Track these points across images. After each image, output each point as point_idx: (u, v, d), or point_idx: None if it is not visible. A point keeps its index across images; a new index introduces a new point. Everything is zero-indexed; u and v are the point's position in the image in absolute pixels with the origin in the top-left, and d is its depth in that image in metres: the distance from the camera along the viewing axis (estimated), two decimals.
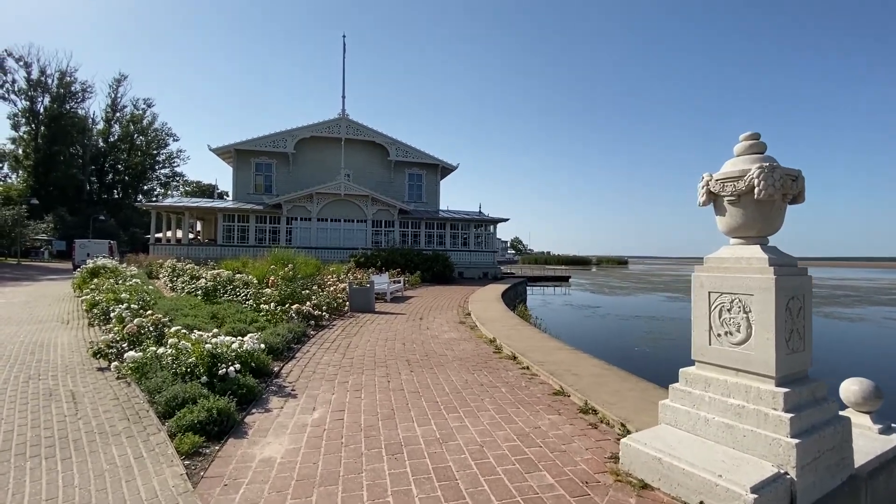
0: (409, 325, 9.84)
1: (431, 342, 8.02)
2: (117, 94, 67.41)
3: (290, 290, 10.61)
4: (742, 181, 3.10)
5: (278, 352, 6.75)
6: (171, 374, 4.84)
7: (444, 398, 4.85)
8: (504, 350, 7.27)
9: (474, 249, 32.07)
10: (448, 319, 10.89)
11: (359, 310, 12.08)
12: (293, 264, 13.73)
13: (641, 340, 14.89)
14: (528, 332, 8.72)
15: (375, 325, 9.76)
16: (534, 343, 7.57)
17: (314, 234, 28.21)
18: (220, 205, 29.13)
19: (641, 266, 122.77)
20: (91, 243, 29.34)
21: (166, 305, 9.34)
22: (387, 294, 15.00)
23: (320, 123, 30.98)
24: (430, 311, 12.36)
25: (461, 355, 6.97)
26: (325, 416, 4.32)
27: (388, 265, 23.64)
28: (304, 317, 9.45)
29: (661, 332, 16.56)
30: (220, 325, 8.36)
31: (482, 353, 7.19)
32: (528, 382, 5.49)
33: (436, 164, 33.44)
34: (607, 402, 4.46)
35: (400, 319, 10.73)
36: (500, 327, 9.20)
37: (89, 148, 64.01)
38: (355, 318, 10.73)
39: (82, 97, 62.95)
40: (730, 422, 3.00)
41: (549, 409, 4.52)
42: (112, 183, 70.36)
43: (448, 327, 9.71)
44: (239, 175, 30.24)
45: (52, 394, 4.88)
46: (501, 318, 10.78)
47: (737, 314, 3.11)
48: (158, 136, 72.98)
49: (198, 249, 26.81)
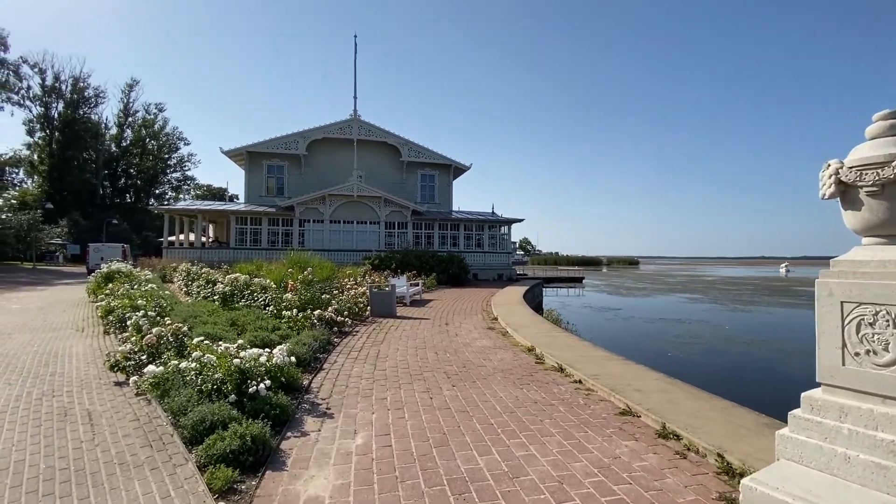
0: (436, 332, 9.34)
1: (465, 351, 7.51)
2: (129, 99, 67.97)
3: (310, 294, 10.17)
4: (890, 168, 2.55)
5: (305, 363, 6.29)
6: (196, 392, 4.38)
7: (498, 419, 4.33)
8: (547, 360, 6.73)
9: (488, 251, 31.52)
10: (475, 325, 10.37)
11: (380, 315, 11.62)
12: (311, 267, 13.31)
13: (672, 345, 14.25)
14: (566, 340, 8.18)
15: (401, 332, 9.27)
16: (577, 352, 7.03)
17: (327, 237, 27.86)
18: (232, 207, 28.92)
19: (653, 266, 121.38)
20: (105, 247, 29.30)
21: (184, 312, 8.94)
22: (406, 297, 14.54)
23: (332, 125, 30.67)
24: (454, 316, 11.86)
25: (502, 366, 6.45)
26: (369, 441, 3.83)
27: (403, 267, 23.20)
28: (327, 323, 9.01)
29: (691, 336, 15.90)
30: (241, 333, 7.94)
31: (523, 363, 6.66)
32: (587, 399, 4.96)
33: (448, 164, 32.97)
34: (689, 425, 3.92)
35: (425, 325, 10.23)
36: (535, 334, 8.66)
37: (102, 153, 64.53)
38: (378, 324, 10.26)
39: (95, 102, 63.51)
40: (883, 461, 2.46)
41: (621, 433, 3.99)
42: (125, 187, 70.87)
43: (478, 334, 9.19)
44: (251, 177, 30.01)
45: (67, 413, 4.45)
46: (532, 322, 10.25)
47: (883, 329, 2.57)
48: (170, 141, 73.46)
49: (211, 252, 26.59)
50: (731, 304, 27.01)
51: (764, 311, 24.30)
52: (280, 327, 8.03)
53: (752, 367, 11.74)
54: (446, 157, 32.78)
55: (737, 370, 11.40)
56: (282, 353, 5.03)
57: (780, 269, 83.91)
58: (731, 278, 59.29)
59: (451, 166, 33.19)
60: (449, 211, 32.87)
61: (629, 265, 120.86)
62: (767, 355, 13.07)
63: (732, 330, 17.54)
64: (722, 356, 12.91)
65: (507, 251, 31.95)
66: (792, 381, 9.86)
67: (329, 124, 30.58)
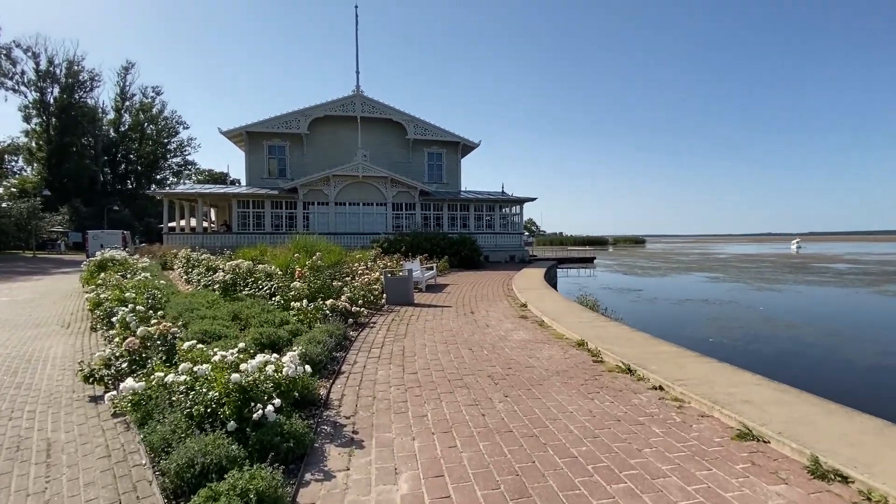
0: (462, 322, 8.32)
1: (503, 346, 6.48)
2: (126, 83, 66.39)
3: (320, 282, 9.14)
4: None
5: (321, 365, 5.28)
6: (184, 417, 3.37)
7: (580, 448, 3.30)
8: (606, 358, 5.68)
9: (500, 231, 30.36)
10: (504, 313, 9.33)
11: (396, 302, 10.60)
12: (320, 252, 12.27)
13: (709, 329, 13.21)
14: (618, 331, 7.12)
15: (423, 323, 8.25)
16: (639, 347, 5.98)
17: (332, 219, 26.76)
18: (233, 191, 27.78)
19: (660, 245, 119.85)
20: (104, 234, 28.38)
21: (180, 304, 7.95)
22: (422, 282, 13.51)
23: (334, 102, 29.20)
24: (478, 302, 10.83)
25: (554, 367, 5.41)
26: (418, 487, 2.80)
27: (414, 250, 22.15)
28: (341, 314, 7.99)
29: (727, 319, 14.84)
30: (245, 329, 6.93)
31: (579, 362, 5.62)
32: (682, 415, 3.91)
33: (456, 141, 31.54)
34: (853, 459, 2.87)
35: (448, 314, 9.20)
36: (577, 323, 7.61)
37: (101, 138, 63.35)
38: (396, 314, 9.24)
39: (91, 86, 61.99)
40: None
41: (758, 471, 2.94)
42: (125, 173, 69.83)
43: (511, 324, 8.15)
44: (251, 159, 28.76)
45: (21, 446, 3.46)
46: (568, 310, 9.19)
47: None
48: (169, 125, 72.14)
49: (213, 238, 25.60)
50: (755, 283, 25.89)
51: (792, 290, 23.18)
52: (289, 320, 7.02)
53: (812, 355, 10.68)
54: (454, 135, 31.33)
55: (797, 358, 10.34)
56: (293, 362, 3.99)
57: (792, 246, 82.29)
58: (744, 255, 57.97)
59: (459, 144, 31.77)
60: (458, 191, 31.61)
61: (635, 244, 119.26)
62: (820, 340, 12.00)
63: (767, 311, 16.47)
64: (770, 342, 11.85)
65: (519, 232, 30.78)
66: (877, 375, 8.85)
67: (330, 101, 29.12)
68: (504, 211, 32.06)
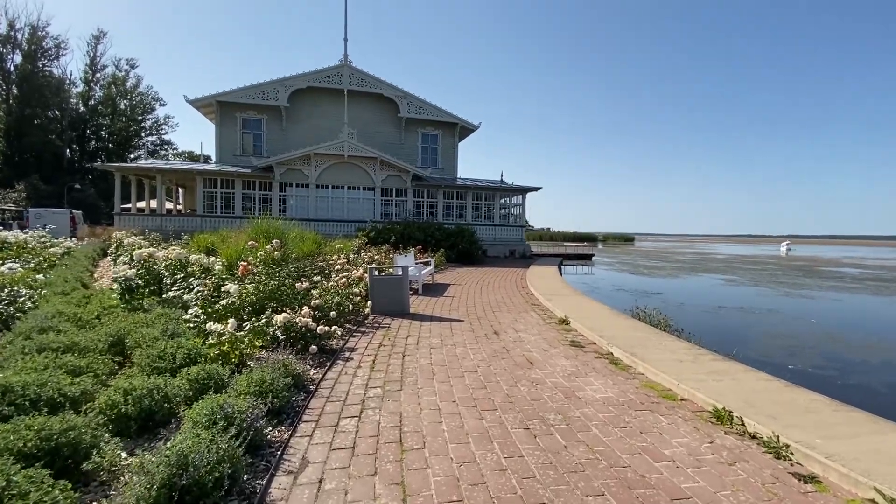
0: (487, 352, 5.50)
1: (581, 418, 3.63)
2: (96, 53, 61.79)
3: (274, 284, 6.22)
4: None
5: (217, 488, 2.44)
6: None
7: None
8: (799, 455, 2.93)
9: (500, 223, 27.61)
10: (542, 333, 6.53)
11: (386, 311, 7.76)
12: (282, 240, 9.33)
13: (776, 349, 10.61)
14: (759, 384, 4.34)
15: (428, 353, 5.41)
16: (824, 416, 3.24)
17: (313, 204, 23.67)
18: (198, 167, 24.39)
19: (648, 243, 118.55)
20: (48, 213, 24.72)
21: (45, 315, 4.97)
22: (418, 281, 10.66)
23: (318, 71, 25.93)
24: (496, 313, 8.03)
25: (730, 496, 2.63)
26: None
27: (404, 241, 19.25)
28: (298, 338, 5.11)
29: (784, 335, 12.28)
30: (114, 374, 4.03)
31: (765, 478, 2.85)
32: None
33: (453, 122, 28.55)
34: None
35: (461, 335, 6.38)
36: (675, 363, 4.85)
37: (68, 112, 58.80)
38: (386, 332, 6.39)
39: (56, 54, 57.29)
40: None
41: None
42: (95, 150, 65.23)
43: (566, 359, 5.33)
44: (223, 133, 25.38)
45: None
46: (634, 330, 6.42)
47: None
48: (144, 101, 67.71)
49: (173, 220, 22.33)
50: (778, 288, 23.60)
51: (822, 297, 20.88)
52: (201, 355, 4.11)
53: None
54: (451, 114, 28.33)
55: None
56: None
57: (781, 248, 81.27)
58: (741, 256, 56.26)
59: (456, 125, 28.79)
60: (454, 177, 28.71)
61: (625, 241, 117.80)
62: None
63: (822, 324, 14.00)
64: (866, 370, 9.31)
65: (521, 224, 28.03)
66: None
67: (315, 71, 25.84)
68: (503, 201, 29.28)
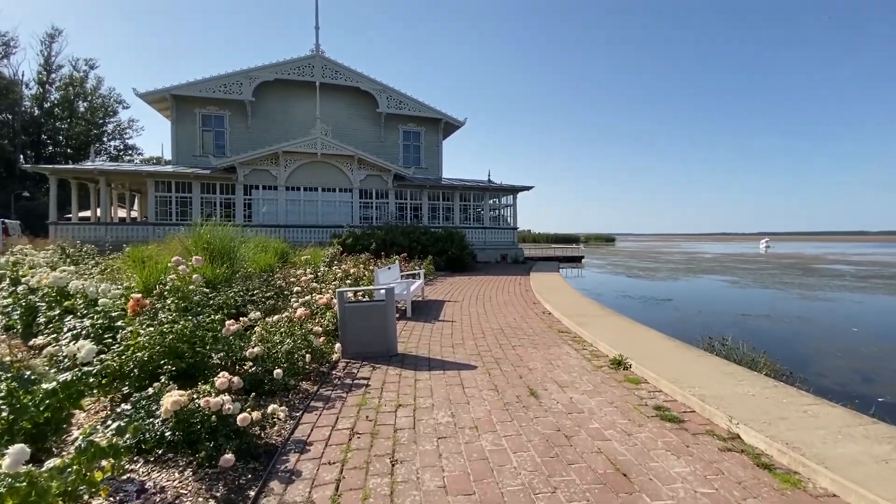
0: (533, 441, 3.29)
1: None
2: (51, 52, 57.81)
3: (183, 327, 3.93)
4: None
5: None
6: None
7: None
8: None
9: (490, 226, 25.58)
10: (604, 394, 4.37)
11: (363, 354, 5.51)
12: (227, 252, 7.01)
13: (844, 373, 8.73)
14: None
15: (433, 445, 3.17)
16: None
17: (282, 208, 21.19)
18: (149, 168, 21.68)
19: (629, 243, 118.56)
20: None
21: None
22: (406, 301, 8.40)
23: (287, 62, 23.52)
24: (515, 349, 5.86)
25: None
26: None
27: (387, 248, 17.00)
28: (202, 436, 2.85)
29: (840, 350, 10.40)
30: None
31: None
32: None
33: (437, 118, 26.48)
34: None
35: (477, 394, 4.19)
36: (869, 460, 2.81)
37: (19, 115, 54.67)
38: (363, 397, 4.13)
39: (5, 52, 53.29)
40: None
41: None
42: (51, 156, 60.95)
43: (673, 455, 3.18)
44: (179, 130, 22.71)
45: None
46: (729, 374, 4.35)
47: None
48: (105, 103, 63.79)
49: (118, 230, 19.55)
50: (791, 290, 22.12)
51: (839, 298, 19.41)
52: None
53: None
54: (435, 110, 26.25)
55: None
56: None
57: (760, 245, 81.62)
58: (727, 255, 55.54)
59: (440, 121, 26.72)
60: (438, 177, 26.59)
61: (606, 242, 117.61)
62: None
63: (867, 333, 12.29)
64: None
65: (513, 227, 26.06)
66: None
67: (283, 62, 23.42)
68: (493, 202, 27.28)
